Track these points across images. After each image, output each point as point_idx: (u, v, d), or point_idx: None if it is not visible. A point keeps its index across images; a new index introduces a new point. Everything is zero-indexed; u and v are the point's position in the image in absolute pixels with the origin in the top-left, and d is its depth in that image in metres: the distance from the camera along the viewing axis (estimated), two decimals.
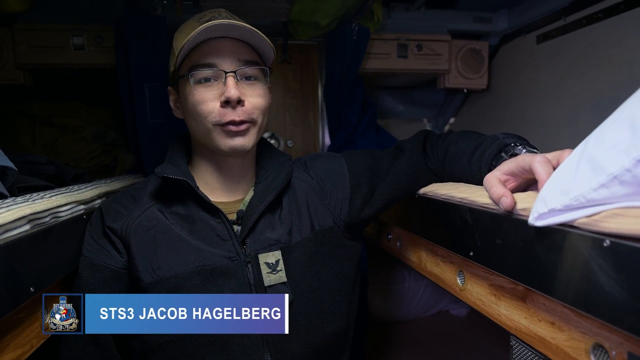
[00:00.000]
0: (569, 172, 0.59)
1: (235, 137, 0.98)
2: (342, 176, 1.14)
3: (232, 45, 0.99)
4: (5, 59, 1.87)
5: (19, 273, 0.74)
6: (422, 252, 1.20)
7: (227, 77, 0.96)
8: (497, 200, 0.73)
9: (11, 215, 0.76)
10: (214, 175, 1.06)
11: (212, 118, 0.96)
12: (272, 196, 1.03)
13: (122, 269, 0.98)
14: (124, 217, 1.00)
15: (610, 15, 1.62)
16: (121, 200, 1.04)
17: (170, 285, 0.95)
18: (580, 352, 0.63)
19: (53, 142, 1.88)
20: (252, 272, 0.98)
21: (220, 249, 0.98)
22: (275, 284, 0.99)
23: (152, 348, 0.96)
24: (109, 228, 0.99)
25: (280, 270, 1.00)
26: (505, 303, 0.82)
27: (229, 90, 0.94)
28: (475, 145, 0.99)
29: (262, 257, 0.99)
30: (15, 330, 0.79)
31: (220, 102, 0.96)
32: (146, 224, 0.99)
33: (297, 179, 1.12)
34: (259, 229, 1.01)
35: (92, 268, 0.98)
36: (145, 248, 0.97)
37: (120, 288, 0.98)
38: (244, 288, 0.97)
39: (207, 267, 0.96)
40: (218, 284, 0.96)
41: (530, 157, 0.75)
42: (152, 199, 1.03)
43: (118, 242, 0.98)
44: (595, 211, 0.55)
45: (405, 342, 2.24)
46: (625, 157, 0.49)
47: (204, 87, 0.97)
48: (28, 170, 1.17)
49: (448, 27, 2.28)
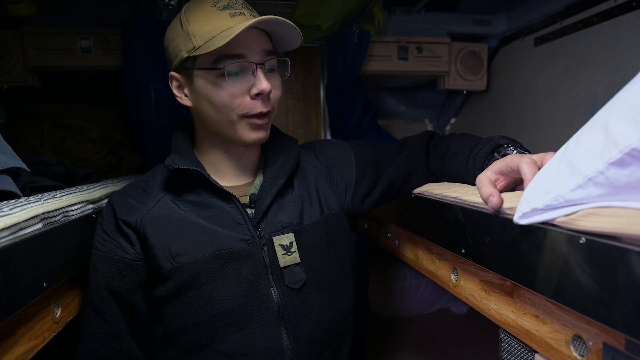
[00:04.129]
0: (550, 173, 0.63)
1: (259, 130, 1.01)
2: (349, 164, 1.17)
3: (257, 35, 0.98)
4: (14, 62, 1.91)
5: (34, 268, 0.78)
6: (418, 249, 1.24)
7: (257, 68, 0.96)
8: (486, 199, 0.77)
9: (26, 214, 0.79)
10: (224, 161, 1.08)
11: (241, 110, 0.97)
12: (283, 179, 1.06)
13: (135, 261, 1.00)
14: (138, 210, 1.01)
15: (604, 19, 1.65)
16: (132, 193, 1.05)
17: (190, 270, 0.97)
18: (561, 343, 0.66)
19: (61, 143, 1.93)
20: (268, 254, 1.01)
21: (236, 233, 1.00)
22: (290, 264, 1.02)
23: (176, 332, 0.99)
24: (123, 221, 1.00)
25: (294, 251, 1.03)
26: (494, 298, 0.85)
27: (261, 83, 0.95)
28: (473, 145, 1.03)
29: (277, 239, 1.02)
30: (29, 323, 0.83)
31: (251, 94, 0.96)
32: (160, 214, 1.01)
33: (307, 162, 1.15)
34: (272, 212, 1.04)
35: (107, 261, 1.00)
36: (161, 237, 0.99)
37: (136, 279, 1.00)
38: (260, 269, 1.00)
39: (224, 251, 0.98)
40: (235, 266, 0.98)
41: (518, 157, 0.79)
42: (163, 190, 1.05)
43: (132, 234, 1.00)
44: (572, 210, 0.58)
45: (405, 340, 2.27)
46: (599, 160, 0.53)
47: (234, 79, 0.96)
48: (39, 170, 1.21)
49: (448, 30, 2.32)
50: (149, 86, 1.80)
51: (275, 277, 1.01)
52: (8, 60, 1.90)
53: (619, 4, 1.60)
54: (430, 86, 2.55)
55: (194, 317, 0.97)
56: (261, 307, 0.99)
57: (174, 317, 0.98)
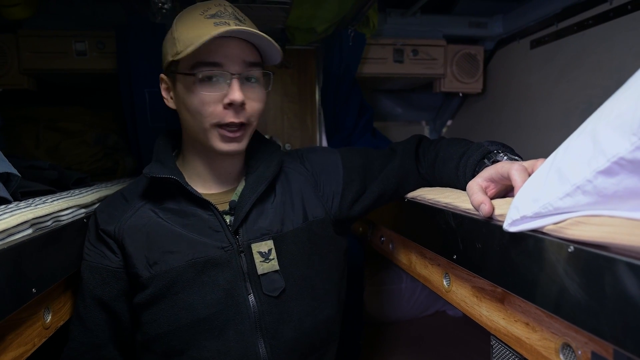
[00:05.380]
0: (539, 181, 0.62)
1: (231, 142, 1.01)
2: (337, 171, 1.17)
3: (239, 45, 0.98)
4: (9, 65, 1.90)
5: (22, 275, 0.77)
6: (412, 254, 1.24)
7: (232, 79, 0.96)
8: (477, 207, 0.77)
9: (14, 220, 0.79)
10: (206, 168, 1.09)
11: (212, 119, 0.98)
12: (263, 186, 1.06)
13: (118, 268, 1.02)
14: (117, 219, 1.03)
15: (600, 22, 1.65)
16: (113, 202, 1.08)
17: (166, 278, 0.98)
18: (551, 351, 0.66)
19: (56, 146, 1.92)
20: (245, 261, 1.01)
21: (213, 240, 1.01)
22: (268, 272, 1.02)
23: (153, 338, 1.00)
24: (102, 231, 1.02)
25: (273, 258, 1.03)
26: (485, 304, 0.85)
27: (233, 94, 0.95)
28: (462, 151, 1.03)
29: (255, 246, 1.02)
30: (18, 330, 0.83)
31: (224, 104, 0.97)
32: (138, 224, 1.02)
33: (292, 170, 1.15)
34: (251, 219, 1.04)
35: (92, 270, 1.02)
36: (139, 246, 1.00)
37: (119, 286, 1.02)
38: (237, 277, 1.00)
39: (200, 259, 0.99)
40: (212, 274, 0.99)
41: (509, 164, 0.78)
42: (142, 198, 1.06)
43: (112, 243, 1.02)
44: (561, 219, 0.58)
45: (401, 342, 2.26)
46: (587, 169, 0.52)
47: (208, 87, 0.96)
48: (31, 175, 1.20)
49: (444, 32, 2.31)
50: (144, 89, 1.80)
51: (253, 285, 1.01)
52: (3, 63, 1.90)
53: (615, 6, 1.60)
54: (426, 88, 2.55)
55: (169, 324, 0.98)
56: (237, 315, 0.99)
57: (151, 324, 1.00)
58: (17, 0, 1.65)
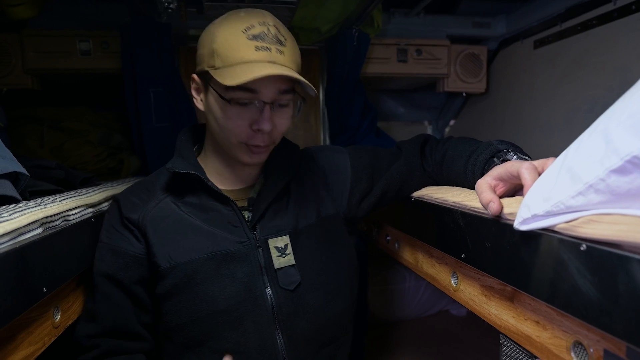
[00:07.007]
0: (550, 180, 0.63)
1: (257, 155, 1.03)
2: (345, 170, 1.19)
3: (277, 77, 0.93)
4: (14, 64, 1.91)
5: (33, 274, 0.78)
6: (418, 253, 1.24)
7: (265, 106, 0.96)
8: (486, 206, 0.77)
9: (25, 219, 0.79)
10: (227, 168, 1.11)
11: (240, 138, 0.99)
12: (281, 185, 1.09)
13: (141, 255, 1.03)
14: (140, 208, 1.05)
15: (604, 22, 1.66)
16: (136, 192, 1.09)
17: (185, 270, 1.00)
18: (562, 349, 0.66)
19: (60, 146, 1.93)
20: (263, 256, 1.04)
21: (232, 235, 1.03)
22: (284, 266, 1.04)
23: (173, 329, 1.02)
24: (126, 218, 1.04)
25: (289, 253, 1.05)
26: (495, 303, 0.85)
27: (264, 123, 0.96)
28: (472, 150, 1.03)
29: (272, 241, 1.05)
30: (29, 328, 0.83)
31: (253, 127, 0.97)
32: (161, 215, 1.04)
33: (304, 168, 1.18)
34: (268, 216, 1.07)
35: (114, 254, 1.03)
36: (160, 237, 1.02)
37: (141, 272, 1.03)
38: (255, 271, 1.02)
39: (220, 252, 1.01)
40: (231, 267, 1.01)
41: (518, 163, 0.79)
42: (165, 191, 1.08)
43: (136, 230, 1.04)
44: (573, 217, 0.58)
45: (405, 342, 2.27)
46: (599, 167, 0.52)
47: (239, 109, 0.96)
48: (38, 174, 1.21)
49: (447, 32, 2.32)
50: (148, 89, 1.80)
51: (270, 278, 1.03)
52: (7, 63, 1.90)
53: (619, 7, 1.60)
54: (429, 88, 2.56)
55: (190, 315, 1.00)
56: (255, 307, 1.01)
57: (172, 315, 1.01)
58: (21, 0, 1.65)
